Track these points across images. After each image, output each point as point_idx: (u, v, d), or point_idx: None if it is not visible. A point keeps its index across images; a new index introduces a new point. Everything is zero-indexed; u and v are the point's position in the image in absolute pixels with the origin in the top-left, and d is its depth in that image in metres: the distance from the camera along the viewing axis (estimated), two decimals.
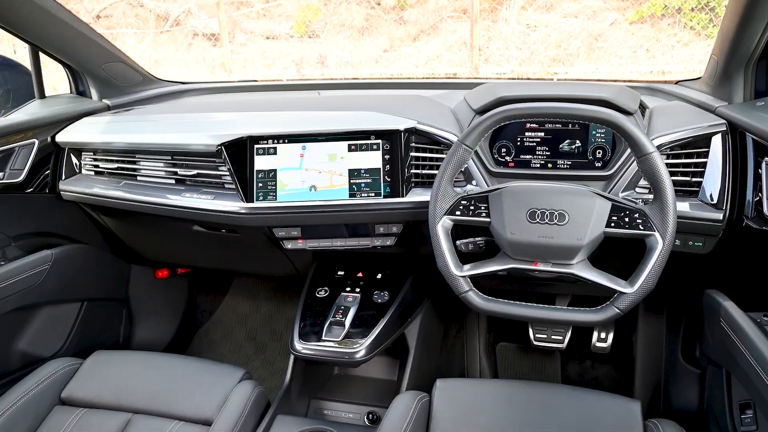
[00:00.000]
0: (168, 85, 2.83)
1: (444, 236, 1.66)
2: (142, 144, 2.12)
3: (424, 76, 8.77)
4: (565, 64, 8.85)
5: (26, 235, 2.21)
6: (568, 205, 1.58)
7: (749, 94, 1.88)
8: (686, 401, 2.29)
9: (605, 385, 2.66)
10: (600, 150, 1.84)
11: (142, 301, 2.82)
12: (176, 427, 1.75)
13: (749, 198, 1.70)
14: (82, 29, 2.22)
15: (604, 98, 1.80)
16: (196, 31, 10.97)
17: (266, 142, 1.96)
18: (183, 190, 2.08)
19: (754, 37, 1.71)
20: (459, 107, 2.09)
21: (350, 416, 2.16)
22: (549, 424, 1.62)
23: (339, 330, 1.97)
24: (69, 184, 2.26)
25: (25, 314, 2.22)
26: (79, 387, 1.89)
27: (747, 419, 1.80)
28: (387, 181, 1.92)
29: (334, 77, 8.82)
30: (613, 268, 1.63)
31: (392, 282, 2.18)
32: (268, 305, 3.24)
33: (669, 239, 1.51)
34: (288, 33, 10.62)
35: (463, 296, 1.66)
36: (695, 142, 1.78)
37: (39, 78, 2.34)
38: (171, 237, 2.45)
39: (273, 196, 1.94)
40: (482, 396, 1.72)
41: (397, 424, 1.61)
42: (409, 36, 10.10)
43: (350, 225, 2.04)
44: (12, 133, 2.10)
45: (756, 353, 1.46)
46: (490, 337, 2.76)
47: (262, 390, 1.90)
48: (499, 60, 9.23)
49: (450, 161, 1.66)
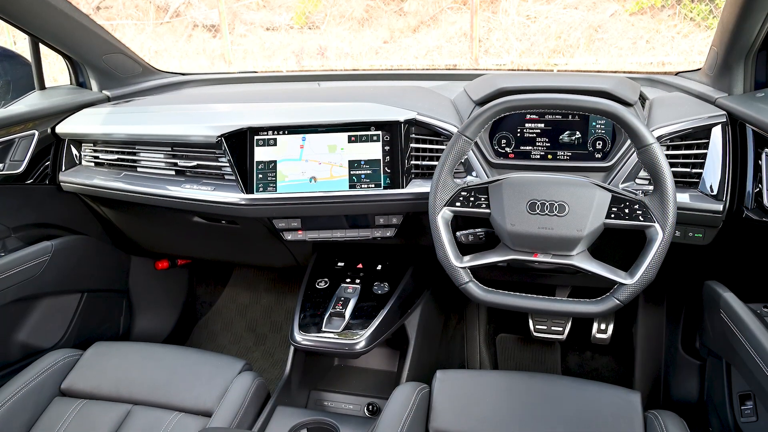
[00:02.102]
0: (168, 76, 2.83)
1: (444, 227, 1.66)
2: (142, 135, 2.12)
3: (424, 68, 8.77)
4: (565, 55, 8.84)
5: (26, 227, 2.21)
6: (568, 197, 1.58)
7: (749, 85, 1.88)
8: (686, 392, 2.29)
9: (605, 376, 2.66)
10: (600, 141, 1.84)
11: (142, 292, 2.83)
12: (176, 418, 1.76)
13: (749, 189, 1.70)
14: (82, 20, 2.22)
15: (604, 89, 1.80)
16: (196, 22, 10.97)
17: (266, 134, 1.96)
18: (183, 181, 2.08)
19: (754, 28, 1.71)
20: (459, 98, 2.08)
21: (350, 407, 2.16)
22: (549, 415, 1.62)
23: (339, 321, 1.97)
24: (69, 175, 2.26)
25: (25, 305, 2.22)
26: (79, 378, 1.89)
27: (747, 410, 1.80)
28: (387, 173, 1.92)
29: (334, 68, 8.82)
30: (613, 259, 1.63)
31: (392, 273, 2.18)
32: (268, 296, 3.25)
33: (669, 230, 1.51)
34: (288, 24, 10.61)
35: (463, 287, 1.66)
36: (695, 134, 1.78)
37: (39, 69, 2.34)
38: (171, 228, 2.45)
39: (273, 188, 1.94)
40: (482, 387, 1.72)
41: (397, 415, 1.61)
42: (409, 27, 10.09)
43: (350, 216, 2.04)
44: (12, 124, 2.10)
45: (756, 344, 1.46)
46: (490, 328, 2.76)
47: (262, 381, 1.90)
48: (499, 51, 9.23)
49: (450, 152, 1.66)
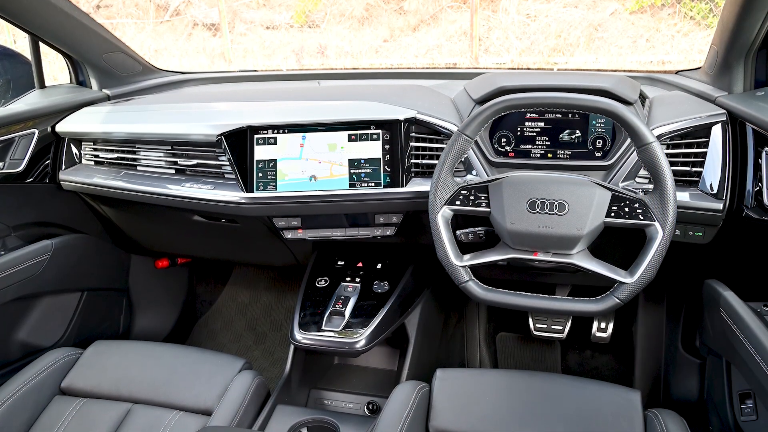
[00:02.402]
0: (168, 75, 2.83)
1: (444, 226, 1.66)
2: (142, 134, 2.12)
3: (424, 66, 8.76)
4: (565, 54, 8.84)
5: (26, 225, 2.21)
6: (568, 195, 1.58)
7: (749, 83, 1.87)
8: (686, 391, 2.29)
9: (605, 374, 2.66)
10: (600, 140, 1.84)
11: (142, 290, 2.83)
12: (176, 416, 1.76)
13: (749, 188, 1.70)
14: (82, 19, 2.22)
15: (604, 88, 1.80)
16: (196, 21, 10.96)
17: (266, 132, 1.95)
18: (183, 180, 2.08)
19: (754, 26, 1.71)
20: (459, 97, 2.08)
21: (350, 406, 2.16)
22: (549, 413, 1.62)
23: (339, 320, 1.97)
24: (69, 174, 2.26)
25: (25, 304, 2.22)
26: (79, 377, 1.89)
27: (747, 409, 1.80)
28: (387, 171, 1.92)
29: (334, 67, 8.79)
30: (613, 258, 1.63)
31: (392, 272, 2.18)
32: (268, 295, 3.25)
33: (669, 229, 1.51)
34: (288, 23, 10.61)
35: (463, 286, 1.66)
36: (695, 132, 1.78)
37: (39, 68, 2.34)
38: (171, 227, 2.45)
39: (273, 186, 1.94)
40: (482, 386, 1.72)
41: (397, 414, 1.61)
42: (409, 26, 10.09)
43: (350, 215, 2.04)
44: (12, 123, 2.10)
45: (756, 343, 1.46)
46: (490, 327, 2.76)
47: (262, 380, 1.90)
48: (499, 50, 9.23)
49: (450, 151, 1.66)
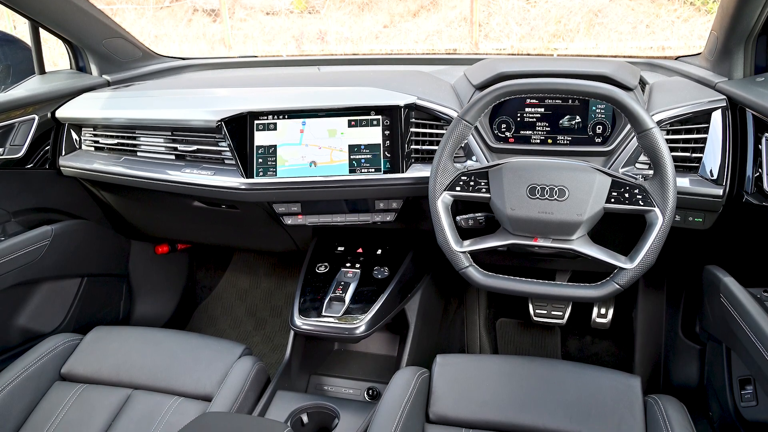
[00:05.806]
0: (168, 60, 2.83)
1: (444, 212, 1.66)
2: (142, 120, 2.11)
3: (424, 52, 8.74)
4: (565, 39, 8.81)
5: (26, 211, 2.22)
6: (568, 181, 1.58)
7: (749, 69, 1.88)
8: (686, 377, 2.30)
9: (605, 360, 2.67)
10: (600, 126, 1.84)
11: (142, 276, 2.83)
12: (176, 402, 1.76)
13: (749, 174, 1.70)
14: (82, 5, 2.21)
15: (604, 74, 1.80)
16: (196, 6, 10.91)
17: (266, 118, 1.95)
18: (183, 165, 2.08)
19: (754, 12, 1.70)
20: (459, 83, 2.08)
21: (350, 392, 2.17)
22: (549, 399, 1.62)
23: (339, 306, 1.97)
24: (69, 159, 2.25)
25: (25, 290, 2.23)
26: (79, 363, 1.89)
27: (747, 395, 1.81)
28: (387, 157, 1.92)
29: (334, 53, 8.80)
30: (613, 243, 1.64)
31: (392, 258, 2.18)
32: (268, 281, 3.25)
33: (669, 215, 1.51)
34: (288, 8, 10.56)
35: (463, 272, 1.66)
36: (695, 118, 1.78)
37: (39, 54, 2.34)
38: (171, 213, 2.45)
39: (273, 172, 1.94)
40: (482, 372, 1.72)
41: (397, 400, 1.61)
42: (409, 11, 10.05)
43: (350, 201, 2.04)
44: (12, 108, 2.10)
45: (756, 329, 1.46)
46: (490, 312, 2.77)
47: (262, 366, 1.90)
48: (499, 36, 9.19)
49: (450, 137, 1.66)
